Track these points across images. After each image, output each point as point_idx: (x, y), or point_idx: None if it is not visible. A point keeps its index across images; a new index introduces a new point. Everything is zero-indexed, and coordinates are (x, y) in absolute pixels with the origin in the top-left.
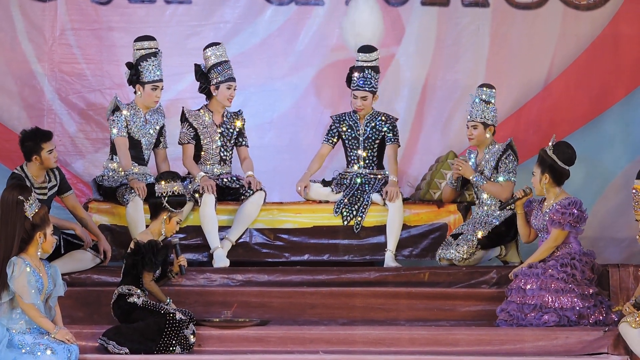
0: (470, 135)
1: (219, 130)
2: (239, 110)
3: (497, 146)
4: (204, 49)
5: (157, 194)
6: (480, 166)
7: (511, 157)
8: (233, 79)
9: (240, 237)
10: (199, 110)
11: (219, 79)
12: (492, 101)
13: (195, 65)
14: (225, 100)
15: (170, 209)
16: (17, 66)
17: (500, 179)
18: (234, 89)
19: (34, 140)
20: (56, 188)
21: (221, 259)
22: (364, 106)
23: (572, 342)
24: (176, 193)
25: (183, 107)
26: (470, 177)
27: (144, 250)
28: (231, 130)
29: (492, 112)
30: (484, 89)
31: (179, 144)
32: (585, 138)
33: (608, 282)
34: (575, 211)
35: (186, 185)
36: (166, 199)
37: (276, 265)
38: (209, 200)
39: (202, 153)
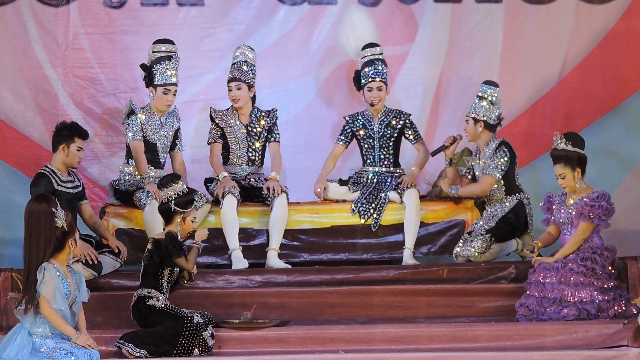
0: (465, 130)
1: (245, 131)
2: (272, 109)
3: (494, 142)
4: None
5: (163, 201)
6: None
7: (501, 154)
8: (234, 79)
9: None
10: (226, 110)
11: (228, 78)
12: (488, 98)
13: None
14: (232, 101)
15: (180, 210)
16: (31, 72)
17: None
18: (236, 89)
19: (70, 131)
20: (80, 189)
21: (239, 261)
22: (380, 97)
23: (592, 335)
24: (181, 193)
25: (211, 107)
26: (448, 191)
27: (165, 243)
28: (258, 129)
29: (483, 108)
30: (482, 85)
31: (208, 143)
32: (600, 131)
33: (627, 274)
34: (605, 203)
35: (212, 188)
36: (173, 201)
37: (294, 265)
38: (230, 201)
39: (230, 154)
